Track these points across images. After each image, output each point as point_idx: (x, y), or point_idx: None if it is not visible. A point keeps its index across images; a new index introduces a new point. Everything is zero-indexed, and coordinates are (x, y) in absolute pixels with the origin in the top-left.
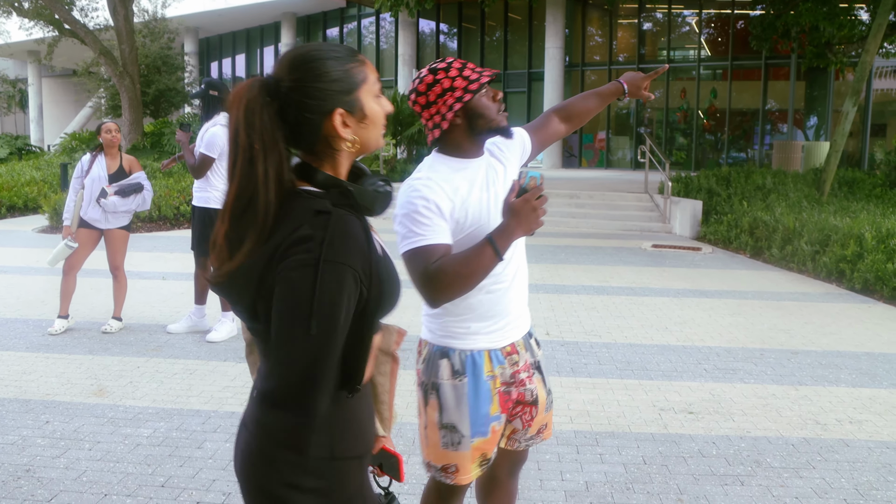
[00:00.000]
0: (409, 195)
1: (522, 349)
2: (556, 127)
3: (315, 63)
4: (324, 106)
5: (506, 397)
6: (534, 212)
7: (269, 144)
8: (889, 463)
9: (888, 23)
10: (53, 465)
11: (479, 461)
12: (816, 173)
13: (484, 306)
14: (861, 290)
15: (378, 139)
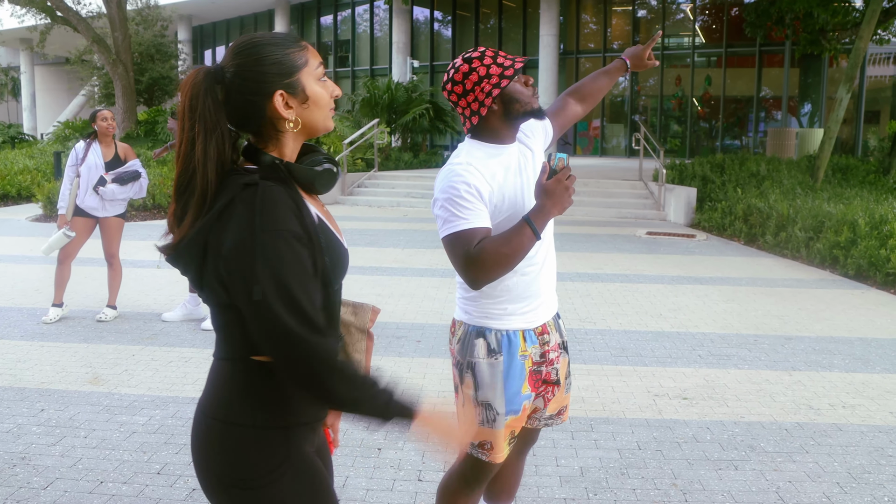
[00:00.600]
0: (450, 180)
1: (553, 329)
2: (573, 109)
3: (255, 48)
4: (264, 88)
5: (536, 377)
6: (566, 191)
7: (210, 127)
8: (881, 446)
9: (882, 9)
10: (49, 452)
11: (509, 439)
12: (810, 160)
13: (519, 288)
14: (854, 276)
15: (325, 120)
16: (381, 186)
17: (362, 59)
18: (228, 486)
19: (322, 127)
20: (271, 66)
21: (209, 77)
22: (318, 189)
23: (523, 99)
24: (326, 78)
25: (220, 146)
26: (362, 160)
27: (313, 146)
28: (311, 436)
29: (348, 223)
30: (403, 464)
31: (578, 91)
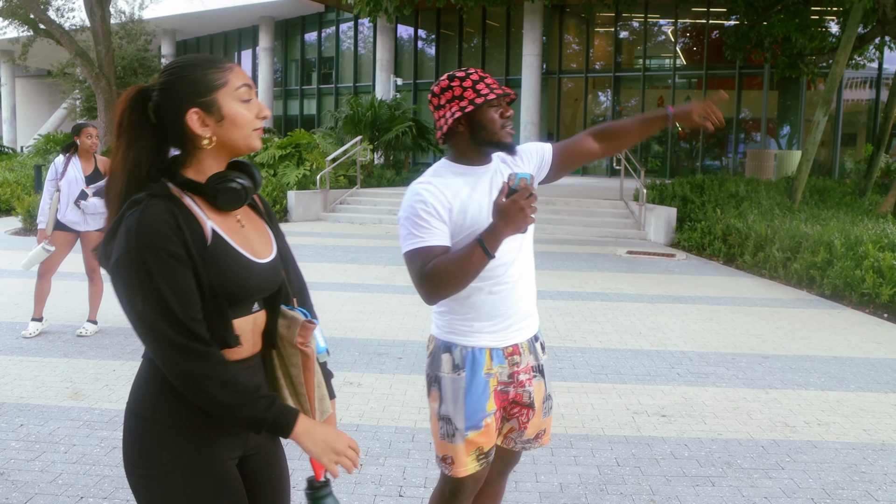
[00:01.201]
0: (411, 199)
1: (526, 351)
2: (586, 145)
3: (176, 69)
4: (180, 106)
5: (502, 396)
6: (521, 212)
7: (131, 141)
8: (855, 463)
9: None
10: (28, 468)
11: (475, 455)
12: (788, 181)
13: (487, 306)
14: (830, 296)
15: (246, 139)
16: (363, 203)
17: (346, 76)
18: (128, 472)
19: (244, 146)
20: (188, 84)
21: (138, 94)
22: (221, 206)
23: (490, 128)
24: (253, 99)
25: (138, 159)
26: (345, 177)
27: (243, 163)
28: (227, 441)
29: (330, 240)
30: (384, 479)
31: (603, 129)
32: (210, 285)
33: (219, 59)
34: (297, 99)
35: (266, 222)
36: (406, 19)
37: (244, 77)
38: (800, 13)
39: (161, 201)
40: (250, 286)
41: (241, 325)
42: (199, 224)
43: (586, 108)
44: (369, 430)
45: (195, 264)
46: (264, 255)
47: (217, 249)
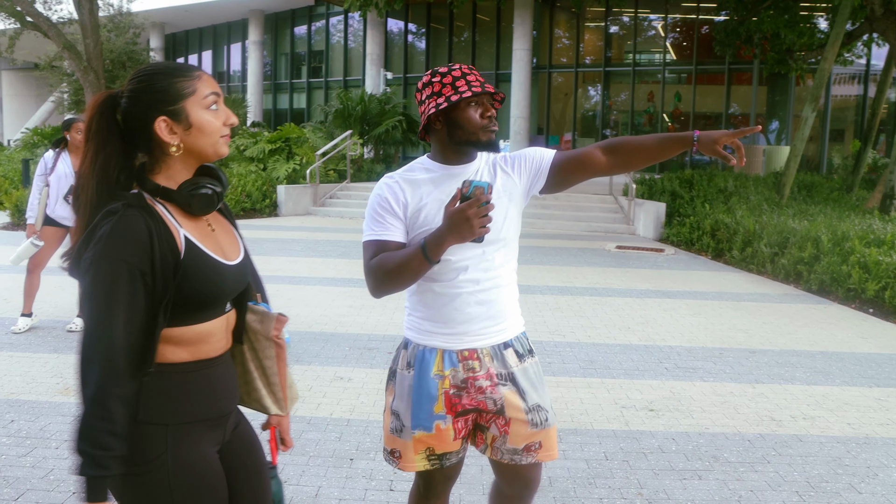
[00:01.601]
0: (373, 192)
1: (487, 357)
2: (593, 157)
3: (145, 76)
4: (149, 114)
5: (455, 400)
6: (466, 221)
7: (100, 146)
8: (839, 457)
9: (845, 32)
10: (19, 463)
11: (424, 453)
12: (777, 177)
13: (438, 307)
14: (817, 291)
15: (214, 146)
16: (353, 198)
17: (336, 70)
18: None
19: (212, 153)
20: (156, 93)
21: (107, 100)
22: (194, 211)
23: (468, 127)
24: (221, 106)
25: (106, 164)
26: (335, 171)
27: (212, 168)
28: (208, 434)
29: (320, 234)
30: (375, 474)
31: (615, 143)
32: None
33: (187, 67)
34: (286, 93)
35: (231, 221)
36: (396, 13)
37: (212, 85)
38: (789, 9)
39: (137, 212)
40: (224, 289)
41: (217, 325)
42: (173, 234)
43: (576, 102)
44: (360, 425)
45: (155, 281)
46: (234, 256)
47: (191, 258)
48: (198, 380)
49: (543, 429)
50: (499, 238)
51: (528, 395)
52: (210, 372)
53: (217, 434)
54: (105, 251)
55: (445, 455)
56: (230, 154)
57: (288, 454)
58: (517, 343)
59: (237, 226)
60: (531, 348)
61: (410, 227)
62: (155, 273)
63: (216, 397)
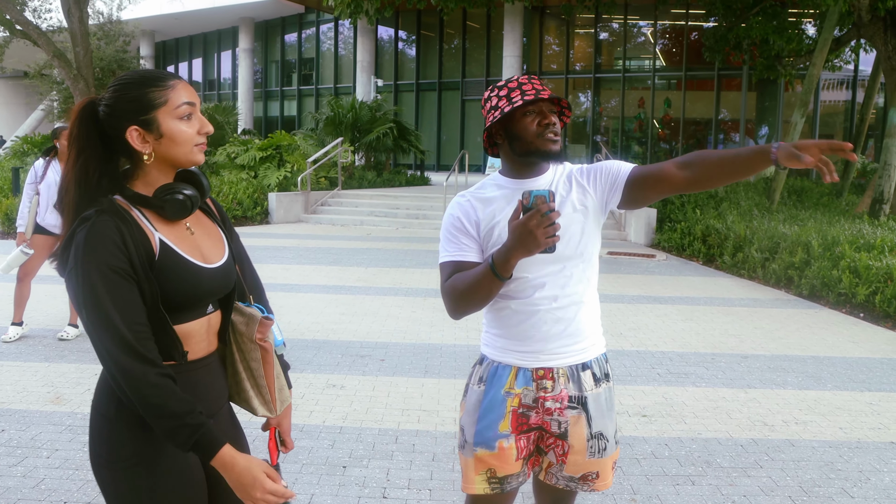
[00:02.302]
0: (447, 212)
1: (564, 378)
2: (669, 173)
3: (119, 86)
4: (120, 123)
5: (522, 420)
6: (530, 234)
7: (79, 151)
8: (831, 461)
9: (833, 38)
10: (10, 473)
11: (485, 475)
12: (767, 182)
13: (515, 324)
14: (808, 296)
15: (187, 155)
16: (344, 205)
17: (326, 78)
18: (95, 466)
19: (185, 161)
20: (128, 103)
21: (87, 106)
22: (168, 216)
23: (525, 137)
24: (195, 115)
25: (85, 168)
26: (326, 178)
27: (192, 173)
28: None
29: (311, 241)
30: (368, 481)
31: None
32: (157, 296)
33: (163, 76)
34: (277, 100)
35: (219, 225)
36: (386, 20)
37: (187, 95)
38: (777, 15)
39: (108, 217)
40: (200, 291)
41: (196, 327)
42: (147, 237)
43: None
44: (352, 432)
45: (139, 279)
46: (215, 259)
47: (165, 260)
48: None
49: (601, 458)
50: (576, 253)
51: (594, 423)
52: (191, 374)
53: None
54: (82, 258)
55: (507, 479)
56: (221, 162)
57: (281, 461)
58: (596, 365)
59: (231, 229)
60: (608, 372)
61: (484, 245)
62: (136, 272)
63: (199, 399)
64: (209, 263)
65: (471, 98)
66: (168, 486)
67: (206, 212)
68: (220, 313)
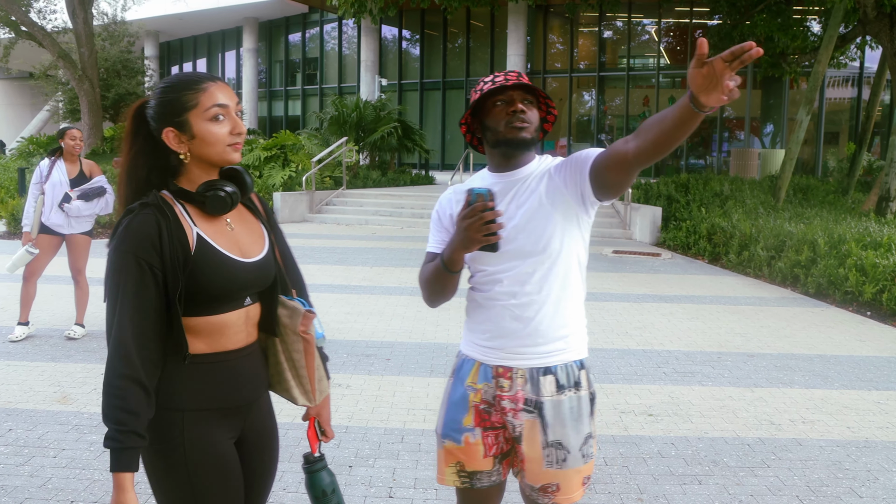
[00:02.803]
0: (436, 205)
1: (522, 380)
2: (618, 147)
3: (159, 89)
4: (158, 125)
5: (484, 415)
6: (464, 231)
7: (130, 146)
8: (839, 460)
9: (838, 35)
10: (17, 472)
11: (454, 468)
12: (772, 180)
13: (478, 317)
14: (814, 295)
15: (221, 154)
16: (349, 205)
17: (330, 77)
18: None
19: (219, 160)
20: (163, 106)
21: (139, 108)
22: (208, 211)
23: (495, 127)
24: (227, 117)
25: (135, 162)
26: (330, 178)
27: (236, 171)
28: (224, 422)
29: (316, 241)
30: (374, 481)
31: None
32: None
33: (197, 79)
34: (281, 100)
35: (262, 222)
36: (390, 20)
37: (220, 97)
38: (782, 13)
39: (151, 211)
40: (236, 284)
41: (234, 317)
42: (185, 231)
43: (571, 107)
44: (358, 432)
45: (166, 273)
46: (254, 254)
47: (201, 254)
48: (215, 370)
49: (560, 469)
50: (538, 249)
51: (550, 430)
52: (229, 364)
53: (235, 422)
54: (118, 244)
55: (476, 474)
56: None
57: (287, 462)
58: (562, 372)
59: (275, 225)
60: (580, 381)
61: None
62: (165, 266)
63: (234, 388)
64: (247, 258)
65: None
66: (206, 469)
67: (251, 208)
68: (259, 306)
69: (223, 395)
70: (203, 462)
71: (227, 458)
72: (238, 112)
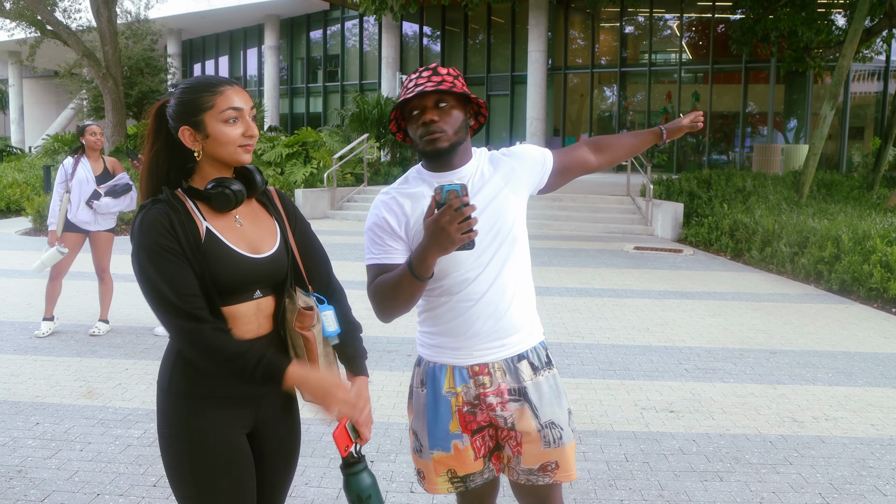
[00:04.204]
0: (371, 211)
1: (499, 372)
2: (583, 155)
3: (178, 90)
4: (176, 123)
5: (469, 418)
6: (443, 231)
7: (152, 144)
8: (862, 458)
9: (864, 28)
10: (45, 465)
11: (446, 475)
12: (795, 176)
13: (448, 321)
14: (838, 291)
15: (232, 155)
16: (370, 201)
17: (351, 74)
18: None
19: (230, 160)
20: (181, 105)
21: (161, 108)
22: (215, 208)
23: (413, 137)
24: (241, 119)
25: (156, 159)
26: (352, 175)
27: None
28: (232, 412)
29: (337, 237)
30: (396, 475)
31: (599, 141)
32: (207, 276)
33: (215, 83)
34: (302, 97)
35: (276, 218)
36: (411, 16)
37: (235, 101)
38: (806, 6)
39: (161, 206)
40: (244, 278)
41: (243, 309)
42: (196, 224)
43: (592, 103)
44: (380, 427)
45: (188, 257)
46: (264, 249)
47: (210, 246)
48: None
49: (558, 447)
50: (510, 237)
51: (540, 412)
52: None
53: (245, 413)
54: (135, 241)
55: (468, 477)
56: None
57: (309, 457)
58: (532, 355)
59: (296, 221)
60: (549, 360)
61: (413, 243)
62: (184, 251)
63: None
64: (257, 253)
65: (496, 93)
66: (208, 456)
67: (267, 205)
68: (272, 299)
69: (228, 385)
70: (207, 450)
71: (233, 448)
72: (252, 116)
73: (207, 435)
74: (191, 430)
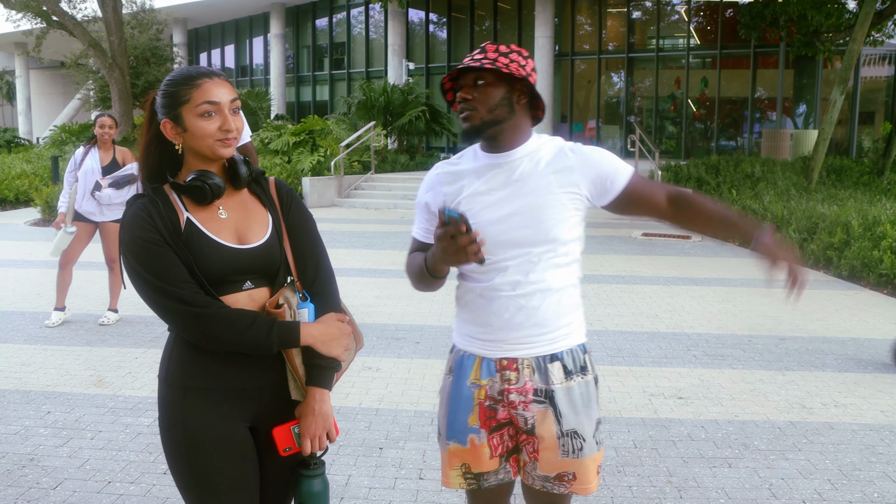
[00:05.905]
0: (421, 185)
1: (528, 370)
2: (659, 202)
3: (164, 82)
4: (160, 116)
5: (489, 413)
6: (444, 251)
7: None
8: (872, 444)
9: (875, 11)
10: (57, 454)
11: (459, 470)
12: (805, 161)
13: (478, 310)
14: (848, 277)
15: (210, 149)
16: (377, 189)
17: (358, 62)
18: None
19: (209, 153)
20: (164, 98)
21: (152, 100)
22: (194, 199)
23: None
24: (218, 114)
25: (148, 152)
26: (359, 163)
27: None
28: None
29: (345, 225)
30: (405, 463)
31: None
32: (192, 265)
33: (194, 76)
34: (309, 85)
35: (269, 209)
36: (417, 3)
37: (212, 94)
38: None
39: (143, 201)
40: (227, 267)
41: (232, 300)
42: (177, 215)
43: (600, 89)
44: (388, 414)
45: (171, 245)
46: (252, 240)
47: (190, 236)
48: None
49: (577, 459)
50: (547, 238)
51: (564, 419)
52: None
53: (245, 406)
54: (121, 241)
55: (483, 475)
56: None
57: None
58: (567, 357)
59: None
60: (586, 365)
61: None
62: (168, 241)
63: (235, 370)
64: (243, 244)
65: None
66: (204, 448)
67: (259, 196)
68: (267, 290)
69: (227, 376)
70: (203, 441)
71: (231, 440)
72: (235, 108)
73: (205, 426)
74: (188, 421)
